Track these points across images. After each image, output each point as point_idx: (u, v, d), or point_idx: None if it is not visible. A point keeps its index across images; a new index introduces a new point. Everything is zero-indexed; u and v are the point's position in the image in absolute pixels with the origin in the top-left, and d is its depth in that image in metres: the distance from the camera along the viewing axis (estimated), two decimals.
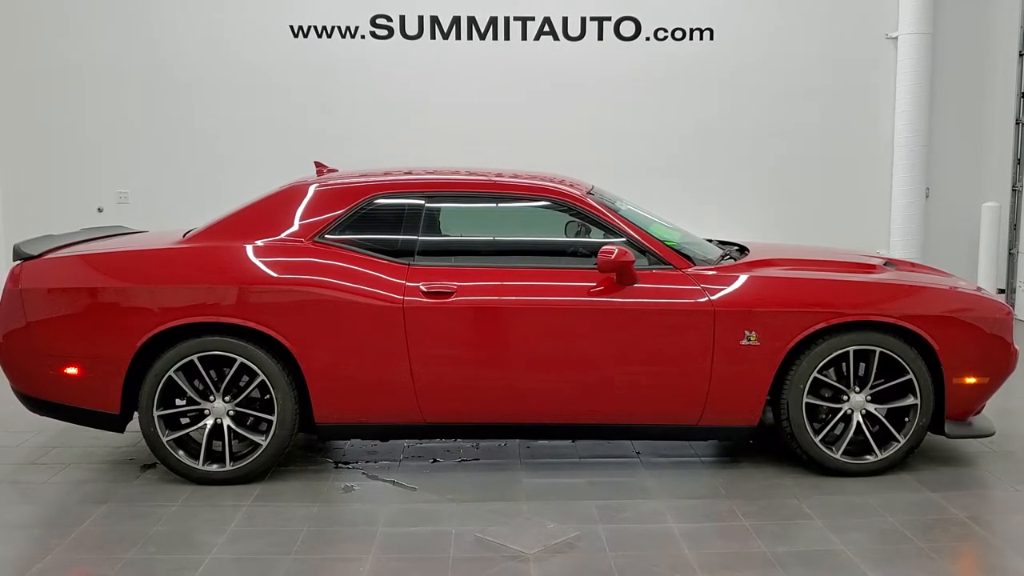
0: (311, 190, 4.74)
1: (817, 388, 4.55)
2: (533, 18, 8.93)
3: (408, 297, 4.41)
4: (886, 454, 4.56)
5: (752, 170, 9.12)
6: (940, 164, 9.17)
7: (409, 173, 4.97)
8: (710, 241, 5.40)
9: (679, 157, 9.06)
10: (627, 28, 8.98)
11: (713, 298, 4.45)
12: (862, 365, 4.56)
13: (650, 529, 3.98)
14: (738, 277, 4.58)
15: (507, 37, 8.94)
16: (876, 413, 4.57)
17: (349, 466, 4.81)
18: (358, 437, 4.89)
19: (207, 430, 4.50)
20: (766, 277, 4.65)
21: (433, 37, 8.91)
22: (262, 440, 4.48)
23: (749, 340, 4.43)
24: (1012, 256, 9.34)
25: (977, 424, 4.73)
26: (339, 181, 4.84)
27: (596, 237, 4.67)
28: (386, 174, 4.91)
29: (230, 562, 3.66)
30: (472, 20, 8.90)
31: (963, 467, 4.79)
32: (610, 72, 8.97)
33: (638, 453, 4.99)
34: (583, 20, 8.95)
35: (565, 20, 8.94)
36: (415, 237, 4.60)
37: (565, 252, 4.89)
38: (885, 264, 5.21)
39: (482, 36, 8.93)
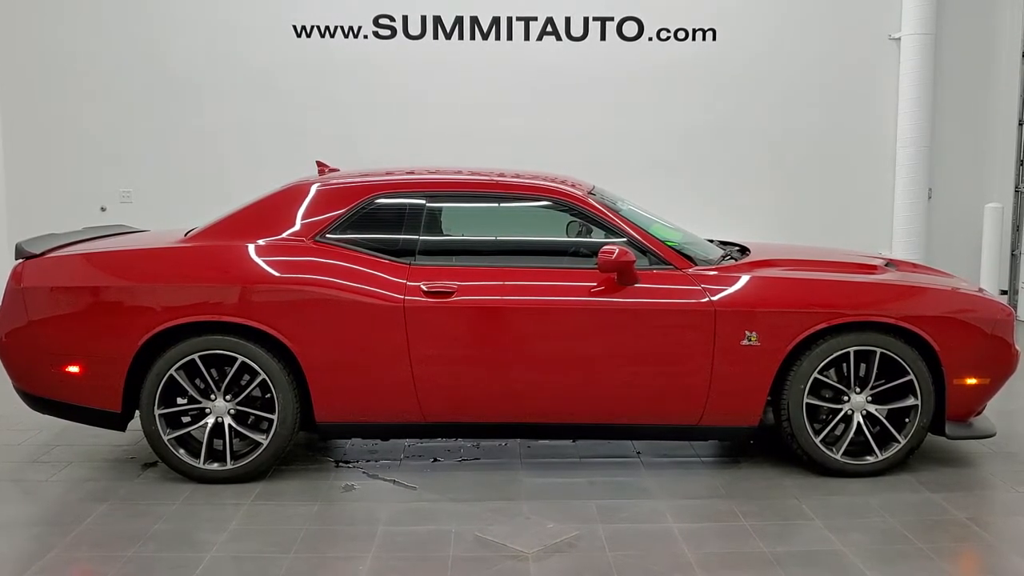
0: (312, 189, 4.75)
1: (817, 388, 4.54)
2: (536, 18, 8.93)
3: (409, 297, 4.41)
4: (886, 455, 4.55)
5: (754, 170, 9.11)
6: (943, 165, 9.15)
7: (410, 173, 4.97)
8: (711, 241, 5.39)
9: (681, 157, 9.05)
10: (630, 28, 8.97)
11: (714, 298, 4.45)
12: (863, 366, 4.55)
13: (650, 529, 3.98)
14: (739, 277, 4.58)
15: (510, 37, 8.93)
16: (877, 414, 4.56)
17: (350, 465, 4.82)
18: (359, 436, 4.90)
19: (208, 429, 4.51)
20: (767, 277, 4.65)
21: (436, 37, 8.91)
22: (263, 439, 4.48)
23: (750, 340, 4.43)
24: (1015, 257, 9.32)
25: (978, 425, 4.73)
26: (340, 180, 4.85)
27: (597, 237, 4.67)
28: (387, 174, 4.92)
29: (230, 560, 3.67)
30: (475, 20, 8.90)
31: (964, 468, 4.78)
32: (612, 72, 8.96)
33: (638, 453, 4.99)
34: (586, 20, 8.95)
35: (568, 20, 8.93)
36: (416, 237, 4.60)
37: (566, 252, 4.89)
38: (886, 265, 5.21)
39: (485, 36, 8.93)
